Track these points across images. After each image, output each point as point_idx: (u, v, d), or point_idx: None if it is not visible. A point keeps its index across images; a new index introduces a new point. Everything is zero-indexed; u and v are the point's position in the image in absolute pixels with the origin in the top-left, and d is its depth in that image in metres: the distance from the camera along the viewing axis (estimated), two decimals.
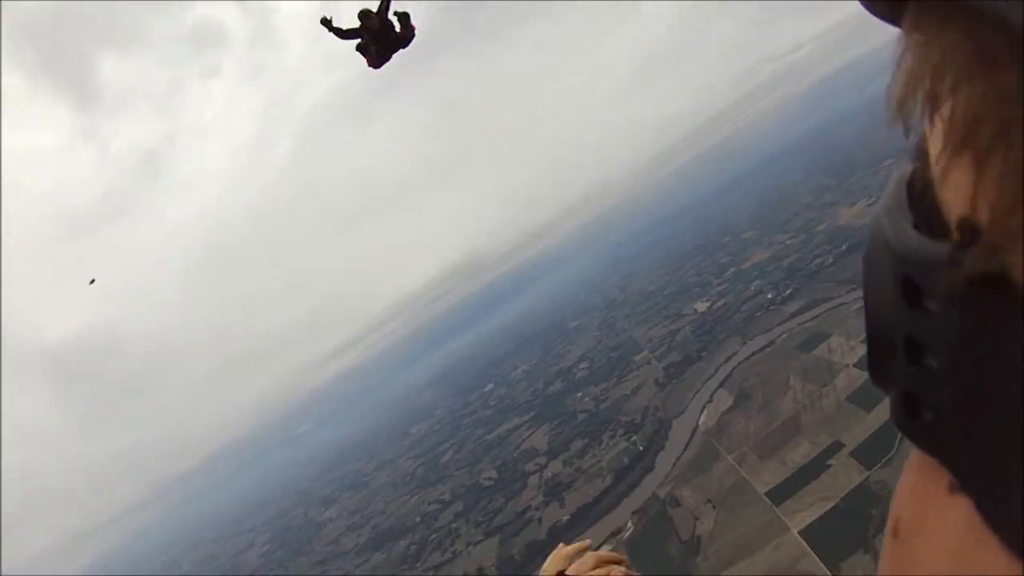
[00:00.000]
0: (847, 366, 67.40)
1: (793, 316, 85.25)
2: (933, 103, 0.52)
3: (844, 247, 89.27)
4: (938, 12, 0.50)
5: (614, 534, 69.60)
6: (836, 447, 59.37)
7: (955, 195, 0.51)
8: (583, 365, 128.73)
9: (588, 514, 76.59)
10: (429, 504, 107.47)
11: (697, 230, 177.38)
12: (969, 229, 0.48)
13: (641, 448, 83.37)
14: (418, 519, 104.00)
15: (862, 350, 65.31)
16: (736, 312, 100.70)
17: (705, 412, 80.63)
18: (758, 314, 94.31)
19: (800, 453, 61.96)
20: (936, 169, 0.54)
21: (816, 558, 50.16)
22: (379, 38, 13.10)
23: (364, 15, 12.84)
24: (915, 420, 0.58)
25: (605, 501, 77.12)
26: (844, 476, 55.58)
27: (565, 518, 78.49)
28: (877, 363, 0.63)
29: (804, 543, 52.18)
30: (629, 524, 70.09)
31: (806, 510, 55.07)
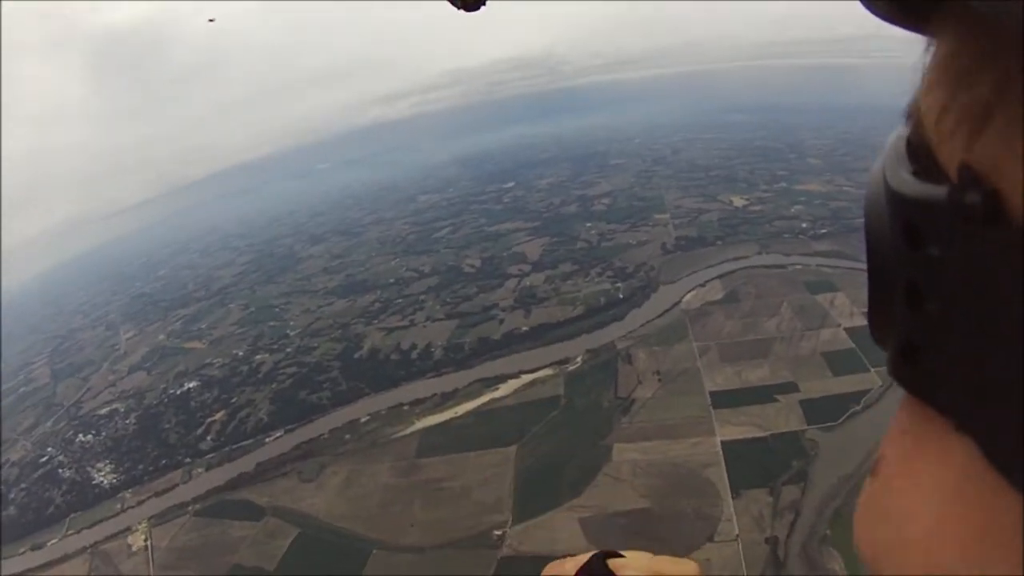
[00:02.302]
0: (838, 326, 67.04)
1: (816, 255, 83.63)
2: (930, 70, 0.58)
3: None
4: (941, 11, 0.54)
5: (560, 362, 71.13)
6: (790, 388, 59.38)
7: (951, 143, 0.53)
8: (605, 200, 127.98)
9: (546, 333, 78.10)
10: (407, 270, 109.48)
11: (772, 132, 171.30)
12: (967, 170, 0.49)
13: (621, 296, 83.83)
14: (392, 280, 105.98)
15: (860, 320, 65.63)
16: (767, 223, 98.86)
17: (693, 293, 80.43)
18: (785, 235, 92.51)
19: (757, 375, 62.07)
20: (931, 122, 0.57)
21: (724, 473, 50.89)
22: None
23: None
24: (913, 368, 0.60)
25: (566, 329, 78.36)
26: (784, 417, 55.81)
27: (524, 328, 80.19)
28: (877, 317, 0.68)
29: (721, 454, 52.90)
30: (579, 359, 71.02)
31: (737, 427, 55.64)
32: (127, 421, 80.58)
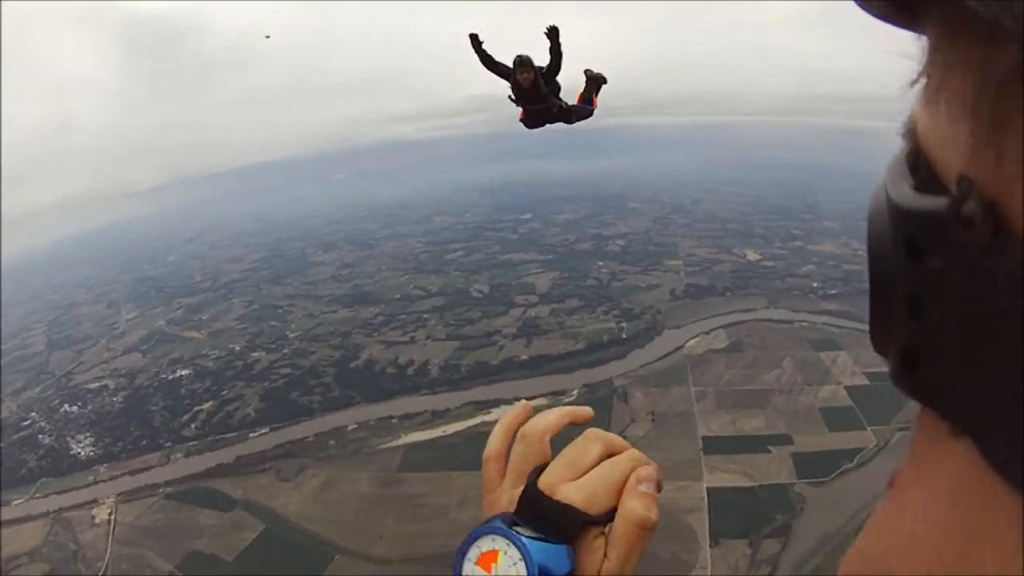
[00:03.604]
0: (839, 383, 66.92)
1: (823, 313, 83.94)
2: (927, 79, 0.55)
3: None
4: (939, 12, 0.52)
5: (556, 393, 70.78)
6: (784, 440, 59.10)
7: (949, 156, 0.52)
8: (619, 242, 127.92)
9: (545, 364, 77.86)
10: (415, 288, 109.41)
11: (791, 191, 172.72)
12: (966, 182, 0.48)
13: (624, 336, 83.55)
14: (398, 296, 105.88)
15: (861, 379, 66.03)
16: (778, 279, 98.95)
17: (697, 339, 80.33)
18: (795, 292, 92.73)
19: (752, 424, 61.76)
20: (930, 136, 0.56)
21: (706, 519, 50.38)
22: (529, 98, 10.62)
23: (520, 64, 10.23)
24: (914, 376, 0.59)
25: (566, 361, 78.08)
26: (775, 469, 55.43)
27: (524, 356, 79.92)
28: (878, 328, 0.68)
29: (705, 500, 52.40)
30: (575, 392, 70.86)
31: (726, 474, 55.20)
32: (114, 398, 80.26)
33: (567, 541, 1.34)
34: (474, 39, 10.21)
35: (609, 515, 1.36)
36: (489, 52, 10.33)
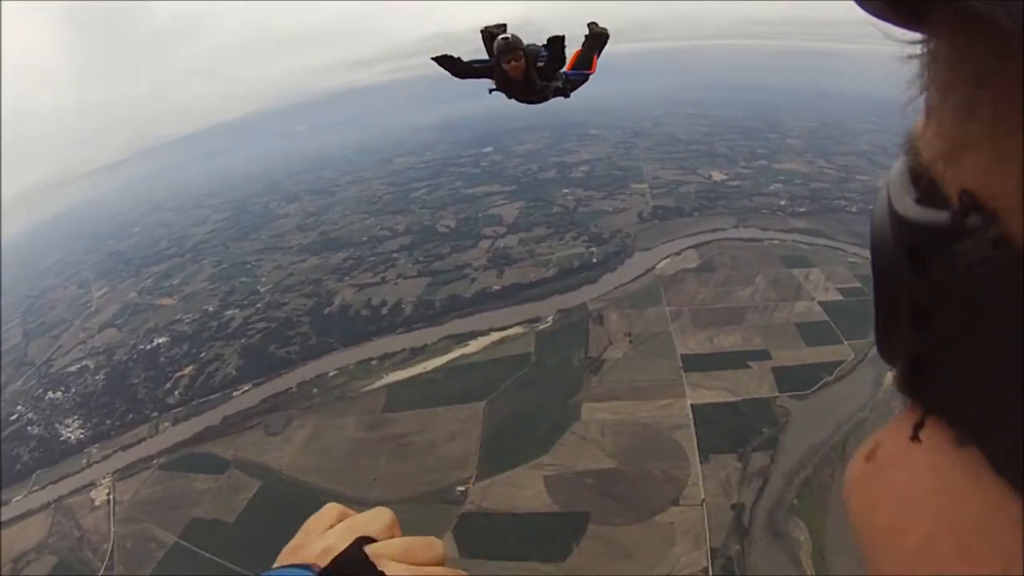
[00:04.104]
0: (812, 299, 67.79)
1: (793, 231, 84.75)
2: (929, 90, 0.57)
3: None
4: (940, 14, 0.52)
5: (531, 321, 71.25)
6: (762, 355, 59.83)
7: (951, 167, 0.54)
8: (583, 168, 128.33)
9: (518, 293, 78.29)
10: (381, 229, 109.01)
11: (753, 112, 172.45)
12: (968, 196, 0.50)
13: (595, 260, 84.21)
14: (365, 239, 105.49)
15: (835, 295, 67.32)
16: (745, 198, 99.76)
17: (668, 260, 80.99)
18: (763, 211, 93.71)
19: (730, 341, 62.43)
20: (932, 147, 0.57)
21: (694, 436, 51.02)
22: (520, 90, 9.12)
23: (507, 50, 8.53)
24: (920, 382, 0.62)
25: (539, 289, 78.54)
26: (756, 383, 56.22)
27: (496, 287, 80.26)
28: (884, 337, 0.70)
29: (691, 416, 53.05)
30: (550, 318, 71.31)
31: (708, 391, 55.85)
32: (96, 377, 79.71)
33: None
34: (439, 60, 8.91)
35: None
36: (458, 58, 8.98)
